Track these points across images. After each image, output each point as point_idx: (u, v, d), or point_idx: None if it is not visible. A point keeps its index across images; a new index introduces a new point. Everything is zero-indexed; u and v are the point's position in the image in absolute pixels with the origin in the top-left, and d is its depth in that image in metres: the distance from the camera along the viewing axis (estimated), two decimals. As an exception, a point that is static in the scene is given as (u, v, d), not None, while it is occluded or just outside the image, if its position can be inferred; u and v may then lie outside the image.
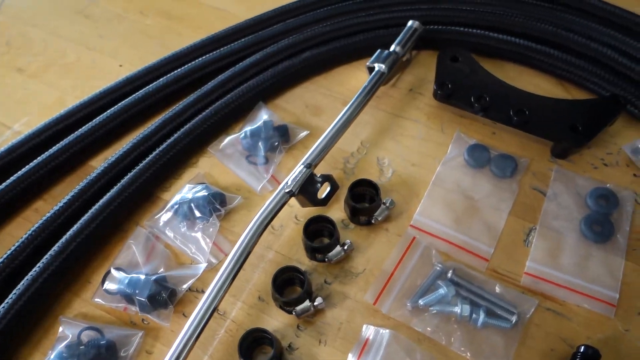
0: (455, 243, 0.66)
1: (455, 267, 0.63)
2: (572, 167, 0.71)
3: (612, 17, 0.79)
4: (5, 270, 0.60)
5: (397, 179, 0.71)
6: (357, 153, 0.74)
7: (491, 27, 0.79)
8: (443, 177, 0.70)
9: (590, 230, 0.65)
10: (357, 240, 0.67)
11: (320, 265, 0.65)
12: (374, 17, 0.79)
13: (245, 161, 0.71)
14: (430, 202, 0.69)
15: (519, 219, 0.67)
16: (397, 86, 0.79)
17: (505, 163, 0.70)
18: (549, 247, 0.65)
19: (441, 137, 0.74)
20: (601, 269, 0.63)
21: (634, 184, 0.69)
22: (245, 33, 0.81)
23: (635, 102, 0.71)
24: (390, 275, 0.63)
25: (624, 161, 0.71)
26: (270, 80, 0.76)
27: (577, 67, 0.74)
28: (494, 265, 0.64)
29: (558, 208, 0.67)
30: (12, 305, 0.57)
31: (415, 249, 0.65)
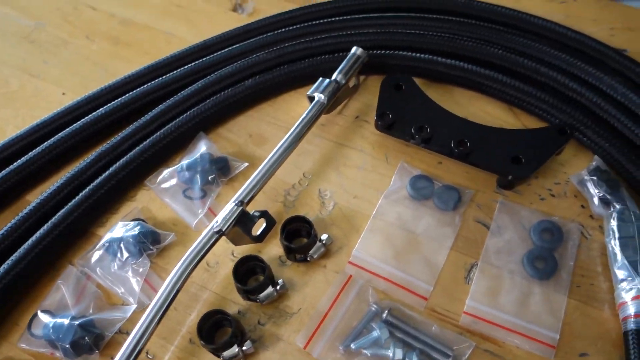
0: (394, 281, 0.64)
1: (392, 306, 0.61)
2: (518, 199, 0.69)
3: (565, 39, 0.77)
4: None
5: (338, 212, 0.69)
6: (299, 185, 0.71)
7: (441, 51, 0.77)
8: (384, 210, 0.68)
9: (533, 266, 0.63)
10: (294, 278, 0.65)
11: (254, 305, 0.63)
12: (319, 42, 0.77)
13: (182, 195, 0.70)
14: (370, 237, 0.66)
15: (460, 255, 0.65)
16: (343, 113, 0.77)
17: (449, 195, 0.68)
18: (489, 285, 0.63)
19: (385, 167, 0.72)
20: (542, 307, 0.61)
21: (581, 216, 0.67)
22: (188, 60, 0.79)
23: (583, 130, 0.69)
24: (323, 316, 0.61)
25: (572, 192, 0.68)
26: (211, 109, 0.74)
27: (525, 93, 0.72)
28: (433, 304, 0.62)
29: (501, 242, 0.65)
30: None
31: (351, 287, 0.63)
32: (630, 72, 0.73)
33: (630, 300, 0.58)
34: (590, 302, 0.61)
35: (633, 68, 0.73)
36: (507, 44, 0.77)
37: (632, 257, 0.60)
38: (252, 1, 0.90)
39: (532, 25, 0.78)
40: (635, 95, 0.70)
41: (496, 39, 0.77)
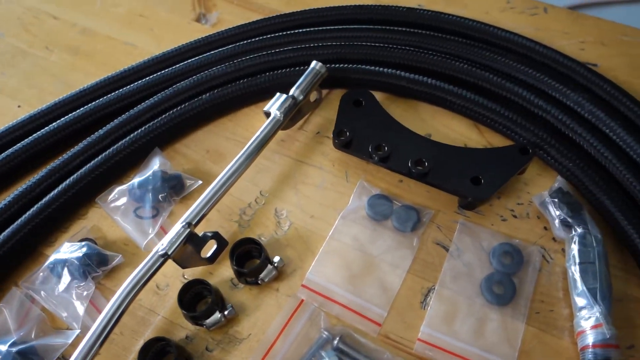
0: (348, 305, 0.61)
1: (343, 333, 0.59)
2: (480, 220, 0.66)
3: (533, 54, 0.75)
4: None
5: (294, 232, 0.67)
6: (255, 203, 0.69)
7: (405, 65, 0.74)
8: (341, 231, 0.66)
9: (491, 291, 0.61)
10: (245, 302, 0.62)
11: (202, 330, 0.61)
12: (280, 55, 0.75)
13: (133, 214, 0.67)
14: (325, 259, 0.64)
15: (418, 278, 0.63)
16: (304, 129, 0.75)
17: (408, 216, 0.65)
18: (446, 311, 0.60)
19: (345, 185, 0.70)
20: (499, 335, 0.59)
21: (544, 238, 0.65)
22: (145, 73, 0.76)
23: (547, 149, 0.67)
24: (272, 343, 0.59)
25: (535, 213, 0.66)
26: (167, 125, 0.71)
27: (489, 109, 0.70)
28: (387, 330, 0.60)
29: (460, 266, 0.63)
30: None
31: (302, 312, 0.61)
32: (598, 88, 0.71)
33: (589, 329, 0.56)
34: (549, 329, 0.59)
35: (601, 84, 0.71)
36: (474, 57, 0.75)
37: (591, 284, 0.58)
38: (216, 11, 0.88)
39: (499, 39, 0.76)
40: (602, 113, 0.68)
41: (462, 52, 0.75)
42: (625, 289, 0.61)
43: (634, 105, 0.69)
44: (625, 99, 0.69)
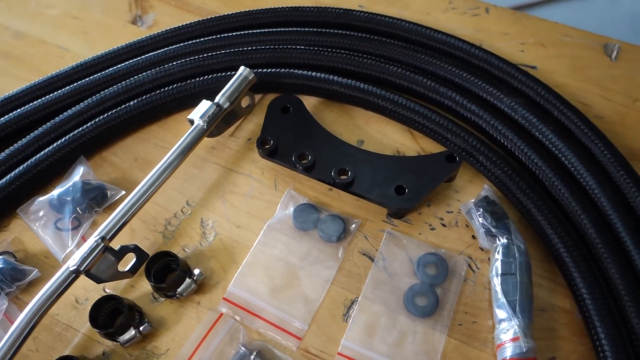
0: (268, 319, 0.60)
1: (262, 348, 0.58)
2: (408, 229, 0.65)
3: (469, 56, 0.73)
4: None
5: (219, 243, 0.65)
6: (181, 213, 0.68)
7: (339, 69, 0.73)
8: (266, 241, 0.65)
9: (414, 303, 0.59)
10: (165, 316, 0.61)
11: (120, 347, 0.59)
12: (210, 60, 0.73)
13: (53, 226, 0.66)
14: (249, 271, 0.63)
15: (341, 290, 0.62)
16: (236, 135, 0.73)
17: (334, 225, 0.64)
18: (368, 323, 0.59)
19: (273, 194, 0.68)
20: (420, 348, 0.58)
21: (471, 248, 0.63)
22: (73, 79, 0.74)
23: (476, 155, 0.66)
24: (188, 358, 0.58)
25: (464, 221, 0.65)
26: (92, 132, 0.69)
27: (419, 115, 0.68)
28: (307, 344, 0.59)
29: (384, 277, 0.62)
30: None
31: (221, 327, 0.59)
32: (532, 92, 0.70)
33: (508, 341, 0.55)
34: (471, 341, 0.58)
35: (535, 88, 0.69)
36: (409, 61, 0.73)
37: (511, 296, 0.57)
38: (152, 13, 0.86)
39: (436, 42, 0.74)
40: (535, 117, 0.67)
41: (398, 55, 0.73)
42: (550, 299, 0.60)
43: (568, 110, 0.67)
44: (559, 103, 0.68)
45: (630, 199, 0.61)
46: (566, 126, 0.67)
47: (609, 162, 0.63)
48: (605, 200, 0.61)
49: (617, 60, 0.76)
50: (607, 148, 0.64)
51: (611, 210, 0.60)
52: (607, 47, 0.77)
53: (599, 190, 0.62)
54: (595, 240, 0.59)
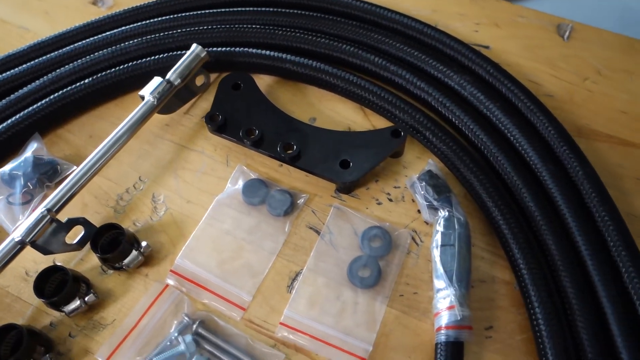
0: (214, 290, 0.61)
1: (205, 318, 0.59)
2: (356, 203, 0.66)
3: (422, 36, 0.74)
4: None
5: (169, 218, 0.66)
6: (133, 189, 0.69)
7: (293, 47, 0.73)
8: (215, 215, 0.66)
9: (356, 275, 0.60)
10: (113, 288, 0.62)
11: (68, 317, 0.60)
12: (165, 39, 0.74)
13: (5, 200, 0.66)
14: (196, 245, 0.64)
15: (287, 262, 0.63)
16: (190, 113, 0.74)
17: (281, 200, 0.65)
18: (311, 294, 0.60)
19: (225, 170, 0.69)
20: (361, 318, 0.59)
21: (416, 222, 0.64)
22: (30, 57, 0.75)
23: (423, 131, 0.67)
24: (131, 328, 0.59)
25: (410, 196, 0.66)
26: (47, 109, 0.70)
27: (369, 92, 0.69)
28: (251, 315, 0.60)
29: (329, 249, 0.63)
30: None
31: (166, 298, 0.60)
32: (481, 70, 0.70)
33: (444, 310, 0.56)
34: (412, 312, 0.59)
35: (484, 66, 0.70)
36: (362, 39, 0.74)
37: (449, 267, 0.58)
38: (113, -7, 0.86)
39: (389, 21, 0.75)
40: (483, 95, 0.68)
41: (351, 34, 0.74)
42: (491, 271, 0.61)
43: (514, 87, 0.68)
44: (506, 81, 0.69)
45: (572, 174, 0.62)
46: (513, 103, 0.68)
47: (552, 137, 0.64)
48: (546, 174, 0.62)
49: (569, 40, 0.77)
50: (551, 124, 0.65)
51: (552, 184, 0.61)
52: (560, 27, 0.78)
53: (541, 165, 0.63)
54: (535, 213, 0.60)
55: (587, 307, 0.55)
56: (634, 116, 0.70)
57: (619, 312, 0.54)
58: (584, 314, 0.54)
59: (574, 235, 0.59)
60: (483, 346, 0.57)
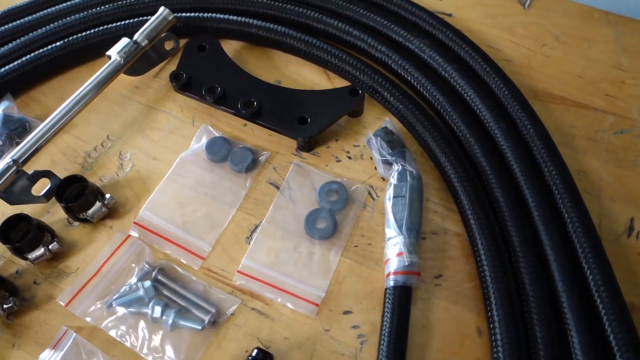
0: (175, 241, 0.63)
1: (164, 266, 0.61)
2: (316, 161, 0.68)
3: (385, 2, 0.76)
4: None
5: (135, 174, 0.68)
6: (101, 147, 0.71)
7: (259, 13, 0.76)
8: (179, 171, 0.68)
9: (313, 226, 0.63)
10: (78, 239, 0.64)
11: (33, 266, 0.62)
12: (135, 5, 0.76)
13: (-25, 157, 0.68)
14: (160, 198, 0.66)
15: (247, 215, 0.65)
16: (159, 76, 0.76)
17: (243, 157, 0.67)
18: (268, 245, 0.62)
19: (190, 130, 0.71)
20: (316, 267, 0.61)
21: (373, 178, 0.66)
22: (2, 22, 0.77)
23: (382, 92, 0.69)
24: (94, 274, 0.61)
25: (369, 155, 0.68)
26: (17, 71, 0.72)
27: (332, 55, 0.71)
28: (210, 264, 0.62)
29: (288, 203, 0.65)
30: None
31: (128, 247, 0.62)
32: (441, 34, 0.72)
33: (393, 257, 0.58)
34: (365, 261, 0.61)
35: (444, 30, 0.72)
36: (326, 5, 0.76)
37: (399, 216, 0.60)
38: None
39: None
40: (441, 58, 0.70)
41: (316, 1, 0.76)
42: (443, 224, 0.63)
43: (472, 50, 0.70)
44: (464, 44, 0.71)
45: (524, 132, 0.64)
46: (470, 66, 0.70)
47: (506, 97, 0.66)
48: (498, 132, 0.64)
49: (529, 9, 0.79)
50: (505, 85, 0.67)
51: (503, 141, 0.63)
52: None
53: (493, 123, 0.65)
54: (486, 168, 0.62)
55: (531, 254, 0.57)
56: (589, 80, 0.72)
57: (561, 259, 0.56)
58: (527, 261, 0.56)
59: (522, 188, 0.61)
60: (432, 293, 0.59)
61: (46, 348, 0.57)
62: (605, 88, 0.71)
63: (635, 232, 0.61)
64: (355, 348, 0.56)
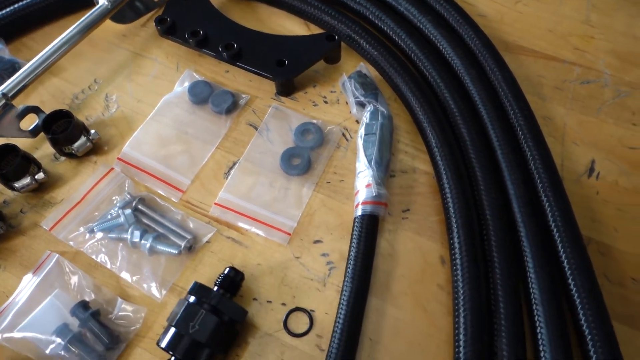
0: (156, 175, 0.66)
1: (145, 197, 0.64)
2: (294, 105, 0.71)
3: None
4: None
5: (120, 114, 0.71)
6: (88, 89, 0.74)
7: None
8: (163, 112, 0.71)
9: (288, 163, 0.65)
10: (64, 173, 0.67)
11: (21, 196, 0.65)
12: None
13: (-32, 95, 0.71)
14: (143, 136, 0.69)
15: (226, 153, 0.68)
16: (146, 26, 0.79)
17: (224, 99, 0.70)
18: (245, 180, 0.65)
19: (174, 74, 0.74)
20: (290, 200, 0.64)
21: (348, 121, 0.69)
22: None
23: (357, 39, 0.71)
24: (76, 202, 0.64)
25: (344, 100, 0.71)
26: (10, 17, 0.75)
27: (312, 6, 0.74)
28: (188, 196, 0.65)
29: (265, 142, 0.68)
30: None
31: (110, 179, 0.65)
32: (418, -11, 0.75)
33: (362, 188, 0.61)
34: (336, 196, 0.64)
35: (420, -15, 0.75)
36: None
37: (369, 151, 0.62)
38: None
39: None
40: (416, 10, 0.72)
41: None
42: (413, 163, 0.66)
43: (446, 3, 0.73)
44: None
45: (492, 78, 0.67)
46: (444, 18, 0.73)
47: (477, 46, 0.69)
48: (467, 77, 0.67)
49: (505, -32, 0.82)
50: (476, 35, 0.70)
51: (472, 86, 0.66)
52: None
53: (463, 70, 0.68)
54: (454, 110, 0.65)
55: (493, 188, 0.59)
56: (559, 35, 0.75)
57: (520, 192, 0.59)
58: (489, 194, 0.59)
59: (488, 129, 0.64)
60: (399, 225, 0.62)
61: (30, 270, 0.60)
62: (574, 42, 0.74)
63: (595, 172, 0.64)
64: (324, 273, 0.59)
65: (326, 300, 0.57)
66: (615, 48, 0.73)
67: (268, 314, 0.57)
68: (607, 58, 0.73)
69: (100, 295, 0.58)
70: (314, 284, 0.58)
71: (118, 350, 0.55)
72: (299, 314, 0.57)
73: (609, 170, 0.64)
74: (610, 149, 0.65)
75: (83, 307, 0.55)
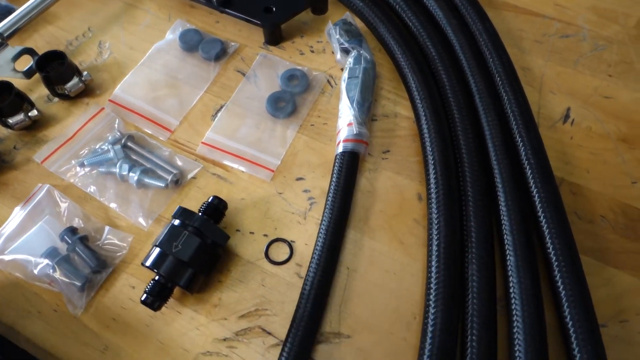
0: (146, 116, 0.68)
1: (134, 135, 0.66)
2: (281, 53, 0.73)
3: None
4: None
5: (113, 60, 0.73)
6: (82, 37, 0.76)
7: None
8: (154, 58, 0.73)
9: (273, 106, 0.67)
10: (57, 113, 0.69)
11: (15, 134, 0.68)
12: None
13: (-36, 39, 0.73)
14: (134, 80, 0.71)
15: (214, 97, 0.70)
16: (141, -20, 0.81)
17: (213, 46, 0.72)
18: (231, 121, 0.67)
19: (166, 24, 0.76)
20: (274, 141, 0.66)
21: (334, 69, 0.71)
22: None
23: (345, -8, 0.74)
24: (68, 138, 0.66)
25: (331, 49, 0.73)
26: (7, -34, 0.77)
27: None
28: (176, 136, 0.67)
29: (252, 88, 0.70)
30: None
31: (101, 118, 0.67)
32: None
33: (344, 127, 0.63)
34: (320, 138, 0.66)
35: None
36: None
37: (352, 93, 0.64)
38: None
39: None
40: (403, -35, 0.75)
41: None
42: (395, 108, 0.68)
43: (431, -41, 0.75)
44: (425, -46, 0.76)
45: (473, 28, 0.69)
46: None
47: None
48: (449, 27, 0.69)
49: None
50: (459, -12, 0.72)
51: (453, 36, 0.68)
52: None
53: (445, 21, 0.70)
54: (435, 58, 0.67)
55: (470, 129, 0.62)
56: (541, -8, 0.77)
57: (495, 132, 0.61)
58: (465, 133, 0.61)
59: (467, 76, 0.66)
60: (379, 165, 0.64)
61: (22, 201, 0.62)
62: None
63: (570, 119, 0.66)
64: (305, 208, 0.61)
65: (306, 232, 0.59)
66: (595, 4, 0.76)
67: (250, 244, 0.59)
68: (587, 14, 0.75)
69: (89, 224, 0.60)
70: (295, 217, 0.60)
71: (105, 274, 0.57)
72: (280, 244, 0.59)
73: (584, 117, 0.66)
74: (586, 98, 0.68)
75: (72, 232, 0.58)
